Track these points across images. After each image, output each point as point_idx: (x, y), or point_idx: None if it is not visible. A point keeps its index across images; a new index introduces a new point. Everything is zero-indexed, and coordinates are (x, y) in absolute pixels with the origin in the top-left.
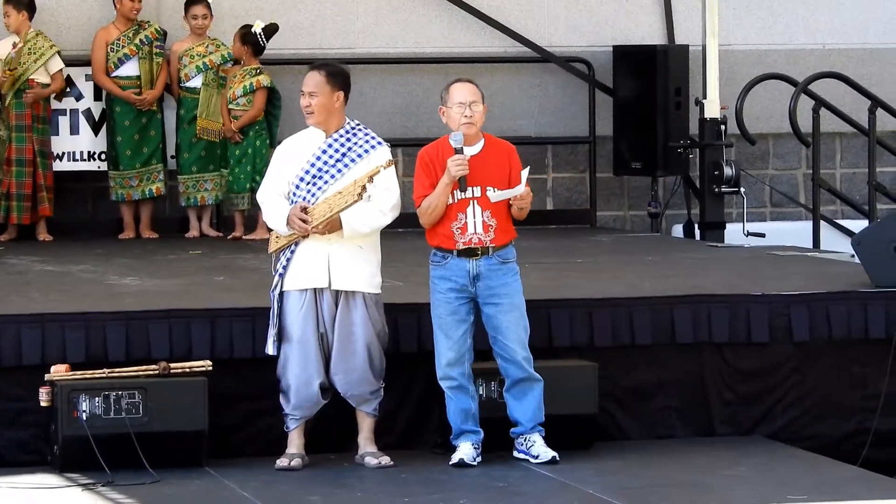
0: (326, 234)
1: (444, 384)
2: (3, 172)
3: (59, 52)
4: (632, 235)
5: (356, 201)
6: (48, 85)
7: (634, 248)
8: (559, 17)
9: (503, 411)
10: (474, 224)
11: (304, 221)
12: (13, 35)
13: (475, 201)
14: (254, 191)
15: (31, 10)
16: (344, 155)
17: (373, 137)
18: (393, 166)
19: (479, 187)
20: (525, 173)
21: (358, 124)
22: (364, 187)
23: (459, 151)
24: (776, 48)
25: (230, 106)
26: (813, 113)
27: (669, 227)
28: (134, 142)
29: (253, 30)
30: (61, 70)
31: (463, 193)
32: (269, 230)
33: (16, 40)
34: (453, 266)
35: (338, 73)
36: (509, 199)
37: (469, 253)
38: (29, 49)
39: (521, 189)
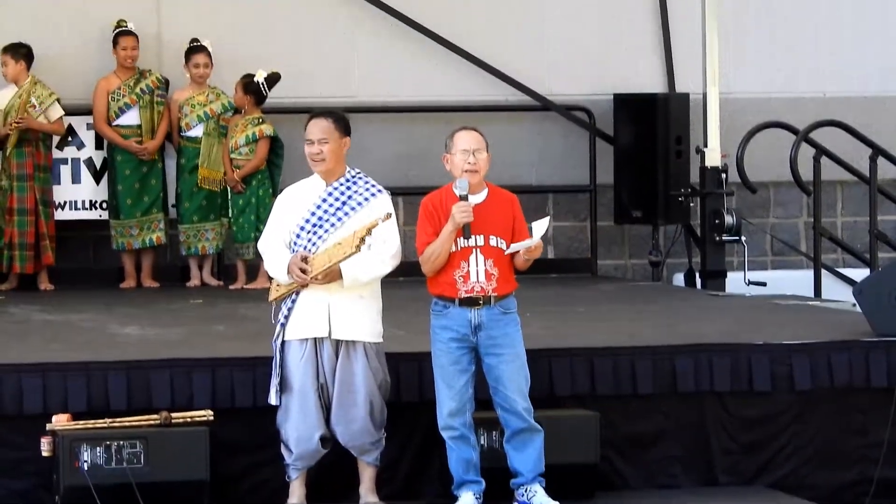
0: (326, 284)
1: (445, 434)
2: (6, 222)
3: (58, 100)
4: (633, 284)
5: (354, 253)
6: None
7: (636, 297)
8: (560, 66)
9: (504, 461)
10: (477, 272)
11: (304, 272)
12: (11, 84)
13: (478, 250)
14: (258, 240)
15: (28, 59)
16: (344, 203)
17: (373, 185)
18: (393, 216)
19: (482, 236)
20: (544, 224)
21: (358, 172)
22: (363, 239)
23: (464, 199)
24: (777, 96)
25: (232, 155)
26: (814, 161)
27: (671, 276)
28: (135, 191)
29: (255, 79)
30: (61, 117)
31: (466, 241)
32: (271, 279)
33: (32, 101)
34: (455, 315)
35: (342, 119)
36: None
37: (470, 302)
38: (26, 98)
39: (537, 240)
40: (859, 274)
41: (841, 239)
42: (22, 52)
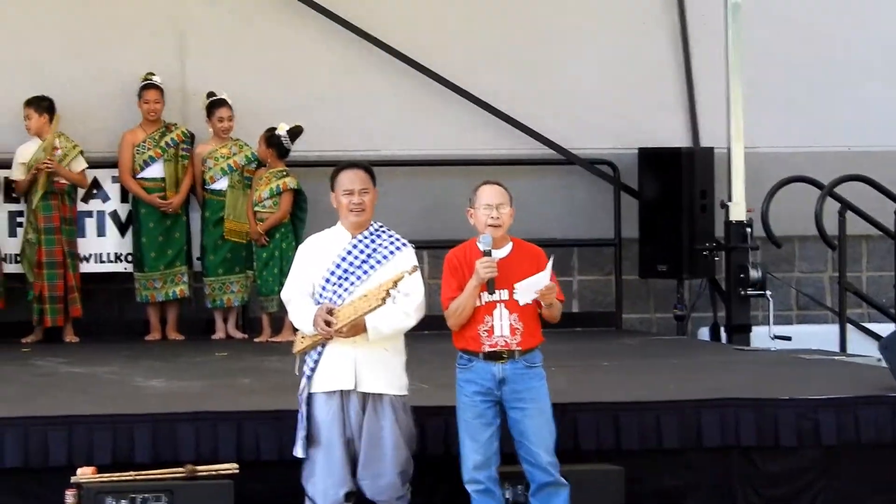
0: (351, 337)
1: (470, 488)
2: (35, 275)
3: (81, 152)
4: (658, 338)
5: (380, 305)
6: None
7: (661, 351)
8: (584, 120)
9: None
10: (501, 327)
11: (329, 324)
12: (35, 138)
13: (502, 304)
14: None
15: (51, 112)
16: (370, 256)
17: (397, 239)
18: (418, 269)
19: (506, 290)
20: (548, 265)
21: (381, 226)
22: (388, 292)
23: (488, 254)
24: (801, 150)
25: (256, 208)
26: (839, 215)
27: (696, 330)
28: (158, 243)
29: (277, 132)
30: (84, 170)
31: (491, 295)
32: (295, 330)
33: (56, 143)
34: (479, 369)
35: (372, 171)
36: (537, 297)
37: (495, 356)
38: (50, 151)
39: (545, 277)
40: (885, 328)
41: (866, 293)
42: (44, 106)
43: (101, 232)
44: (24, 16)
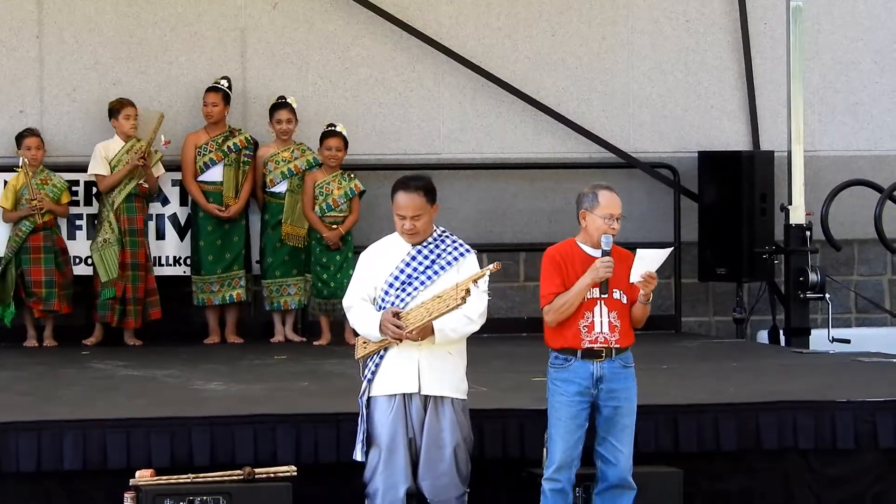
0: (418, 341)
1: (547, 486)
2: (119, 276)
3: (161, 159)
4: (717, 341)
5: (459, 305)
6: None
7: (719, 354)
8: (644, 123)
9: None
10: (601, 324)
11: (398, 327)
12: (115, 139)
13: (602, 301)
14: None
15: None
16: (434, 262)
17: (461, 244)
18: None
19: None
20: (667, 251)
21: (444, 231)
22: (468, 290)
23: (606, 254)
24: (862, 154)
25: (332, 213)
26: None
27: (755, 333)
28: (216, 247)
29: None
30: (160, 177)
31: (604, 295)
32: (356, 335)
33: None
34: (577, 368)
35: (431, 188)
36: (642, 282)
37: (593, 354)
38: (135, 152)
39: (664, 253)
40: None
41: None
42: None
43: (160, 235)
44: (90, 22)
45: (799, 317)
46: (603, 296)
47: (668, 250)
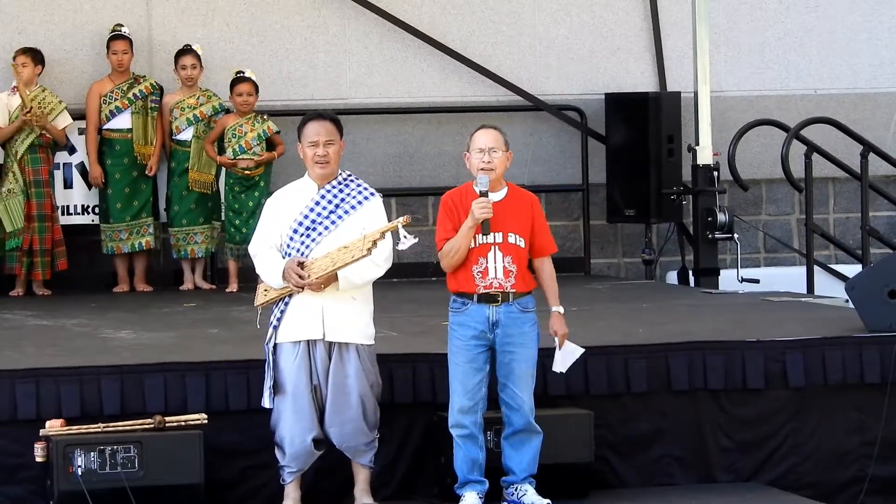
0: (322, 289)
1: (454, 432)
2: (25, 228)
3: (66, 108)
4: (626, 283)
5: (364, 256)
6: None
7: (629, 296)
8: (551, 66)
9: (498, 461)
10: (495, 269)
11: (301, 277)
12: (9, 91)
13: (496, 247)
14: None
15: (42, 65)
16: (337, 206)
17: (365, 188)
18: (385, 216)
19: (500, 233)
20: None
21: (349, 175)
22: (374, 243)
23: (483, 195)
24: (768, 94)
25: (244, 155)
26: (805, 158)
27: (664, 274)
28: (124, 195)
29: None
30: (66, 127)
31: (485, 237)
32: (260, 282)
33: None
34: (473, 312)
35: (340, 122)
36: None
37: (489, 299)
38: (38, 104)
39: (578, 349)
40: (851, 270)
41: (833, 235)
42: (39, 57)
43: (68, 184)
44: None
45: (708, 257)
46: (486, 237)
47: (582, 350)
